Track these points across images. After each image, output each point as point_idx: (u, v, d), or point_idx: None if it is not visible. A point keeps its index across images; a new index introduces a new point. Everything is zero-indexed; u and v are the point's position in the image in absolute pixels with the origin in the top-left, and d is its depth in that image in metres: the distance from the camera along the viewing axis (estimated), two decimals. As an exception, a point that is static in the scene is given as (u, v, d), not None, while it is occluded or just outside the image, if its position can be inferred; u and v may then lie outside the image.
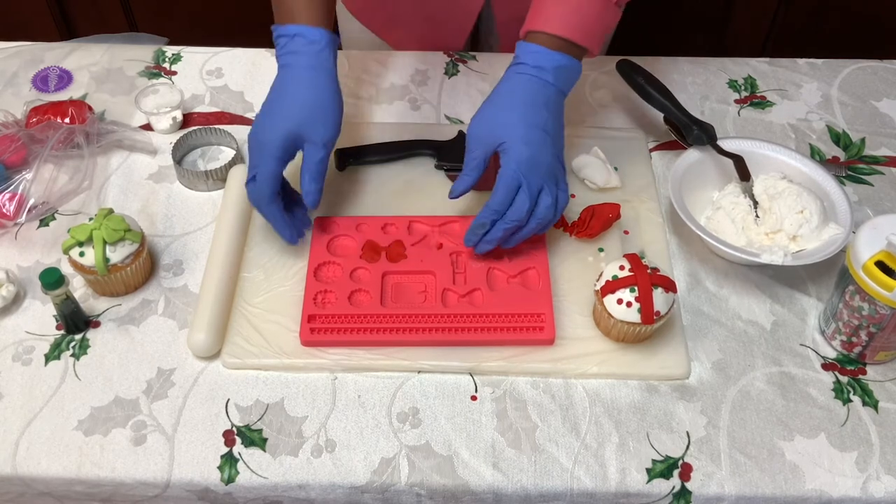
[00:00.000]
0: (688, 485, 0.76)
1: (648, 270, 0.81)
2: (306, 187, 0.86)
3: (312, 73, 0.86)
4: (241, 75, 1.13)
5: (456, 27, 1.18)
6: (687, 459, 0.77)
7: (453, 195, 0.85)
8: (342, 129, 0.87)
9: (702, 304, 0.89)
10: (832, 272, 0.89)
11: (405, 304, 0.85)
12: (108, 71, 1.14)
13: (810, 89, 1.13)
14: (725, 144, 0.97)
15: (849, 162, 1.04)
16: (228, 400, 0.81)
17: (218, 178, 0.98)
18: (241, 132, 1.02)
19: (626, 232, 0.94)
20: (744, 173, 0.94)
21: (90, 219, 0.85)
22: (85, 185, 0.98)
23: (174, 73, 1.14)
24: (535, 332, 0.83)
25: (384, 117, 1.07)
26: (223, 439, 0.78)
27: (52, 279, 0.80)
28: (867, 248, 0.78)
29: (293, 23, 0.87)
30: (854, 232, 0.84)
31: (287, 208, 0.88)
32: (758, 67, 1.16)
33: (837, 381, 0.83)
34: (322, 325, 0.83)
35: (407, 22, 1.18)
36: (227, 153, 1.03)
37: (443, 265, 0.87)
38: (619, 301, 0.80)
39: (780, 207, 0.89)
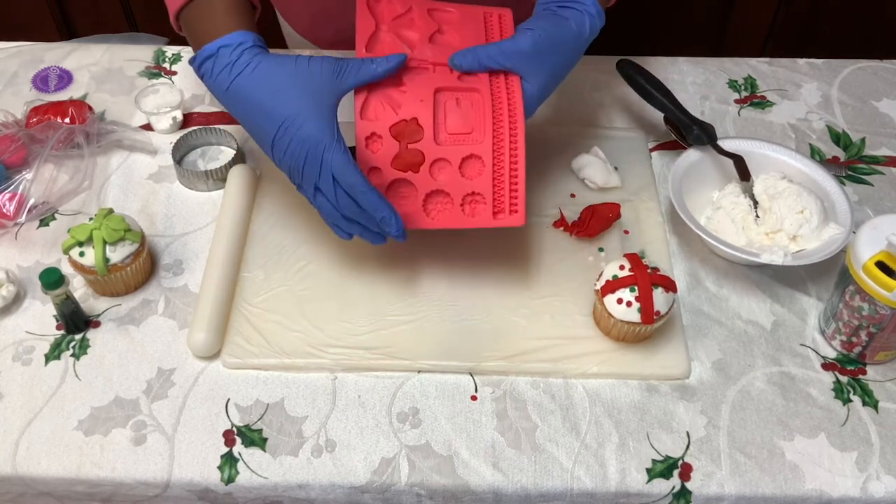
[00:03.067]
0: (688, 485, 0.76)
1: (648, 270, 0.81)
2: (382, 213, 0.76)
3: (267, 61, 0.76)
4: (241, 75, 1.12)
5: None
6: (687, 459, 0.77)
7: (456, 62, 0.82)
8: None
9: (702, 304, 0.89)
10: (832, 272, 0.89)
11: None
12: (108, 71, 1.14)
13: (810, 89, 1.13)
14: (725, 144, 0.97)
15: (849, 162, 1.04)
16: (228, 400, 0.81)
17: (218, 178, 0.98)
18: (241, 132, 1.02)
19: (626, 232, 0.94)
20: (744, 173, 0.94)
21: (90, 219, 0.85)
22: (85, 185, 0.98)
23: (174, 73, 1.14)
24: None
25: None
26: (223, 439, 0.78)
27: (52, 279, 0.80)
28: (867, 248, 0.78)
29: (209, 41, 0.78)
30: (854, 232, 0.84)
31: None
32: (758, 67, 1.16)
33: (837, 381, 0.83)
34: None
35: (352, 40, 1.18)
36: (228, 153, 1.03)
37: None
38: (619, 301, 0.80)
39: (780, 207, 0.89)
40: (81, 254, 0.84)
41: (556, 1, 0.84)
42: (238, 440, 0.78)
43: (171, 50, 1.17)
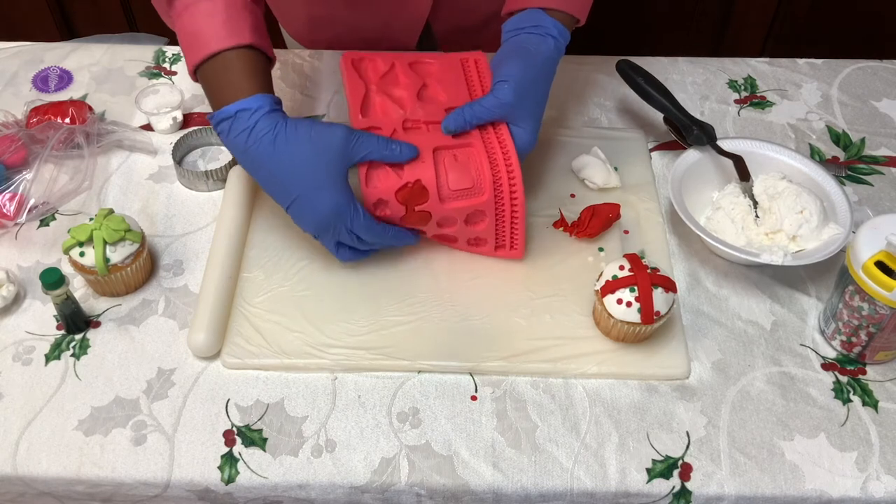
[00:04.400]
0: (688, 485, 0.76)
1: (648, 270, 0.81)
2: (404, 241, 0.87)
3: (284, 130, 0.80)
4: (241, 75, 1.12)
5: (400, 45, 1.19)
6: (687, 459, 0.77)
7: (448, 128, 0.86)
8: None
9: (702, 304, 0.89)
10: (832, 272, 0.89)
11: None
12: (108, 71, 1.14)
13: (810, 89, 1.13)
14: (725, 144, 0.97)
15: (849, 162, 1.04)
16: (228, 400, 0.81)
17: (218, 178, 0.98)
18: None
19: (626, 232, 0.94)
20: (743, 173, 0.94)
21: (90, 219, 0.85)
22: (85, 185, 0.98)
23: (174, 73, 1.14)
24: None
25: (384, 117, 1.07)
26: (223, 439, 0.78)
27: (52, 279, 0.80)
28: (867, 248, 0.78)
29: (230, 103, 0.80)
30: (854, 232, 0.84)
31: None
32: (758, 67, 1.16)
33: (837, 381, 0.83)
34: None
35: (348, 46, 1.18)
36: (228, 153, 1.03)
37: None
38: (619, 301, 0.80)
39: (779, 207, 0.89)
40: (82, 254, 0.84)
41: (522, 28, 0.88)
42: (238, 440, 0.78)
43: (171, 50, 1.17)
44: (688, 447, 0.78)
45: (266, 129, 0.79)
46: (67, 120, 1.01)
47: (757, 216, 0.91)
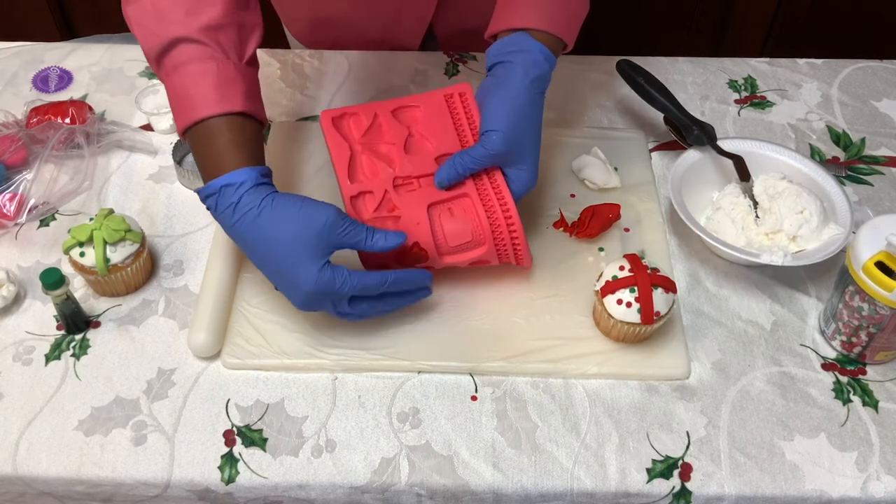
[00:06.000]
0: (688, 485, 0.76)
1: (648, 270, 0.81)
2: (420, 284, 0.83)
3: (270, 206, 0.76)
4: (241, 75, 1.12)
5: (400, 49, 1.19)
6: (687, 459, 0.77)
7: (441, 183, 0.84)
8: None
9: (702, 304, 0.89)
10: (832, 272, 0.89)
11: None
12: (108, 71, 1.14)
13: (810, 89, 1.13)
14: (725, 145, 0.97)
15: (849, 162, 1.04)
16: (229, 400, 0.81)
17: (218, 178, 0.98)
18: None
19: (626, 230, 0.94)
20: (744, 174, 0.94)
21: (90, 219, 0.86)
22: (85, 186, 0.98)
23: (174, 73, 1.14)
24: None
25: (384, 117, 1.07)
26: (223, 439, 0.78)
27: (52, 279, 0.80)
28: (867, 249, 0.78)
29: (217, 177, 0.77)
30: (854, 232, 0.84)
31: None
32: (758, 67, 1.16)
33: (837, 381, 0.83)
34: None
35: (350, 47, 1.18)
36: (228, 153, 1.03)
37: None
38: (619, 301, 0.80)
39: (780, 208, 0.89)
40: (82, 254, 0.84)
41: (507, 56, 0.84)
42: (238, 440, 0.78)
43: (171, 50, 1.17)
44: (688, 447, 0.78)
45: (251, 205, 0.75)
46: (67, 120, 1.01)
47: (757, 216, 0.91)
